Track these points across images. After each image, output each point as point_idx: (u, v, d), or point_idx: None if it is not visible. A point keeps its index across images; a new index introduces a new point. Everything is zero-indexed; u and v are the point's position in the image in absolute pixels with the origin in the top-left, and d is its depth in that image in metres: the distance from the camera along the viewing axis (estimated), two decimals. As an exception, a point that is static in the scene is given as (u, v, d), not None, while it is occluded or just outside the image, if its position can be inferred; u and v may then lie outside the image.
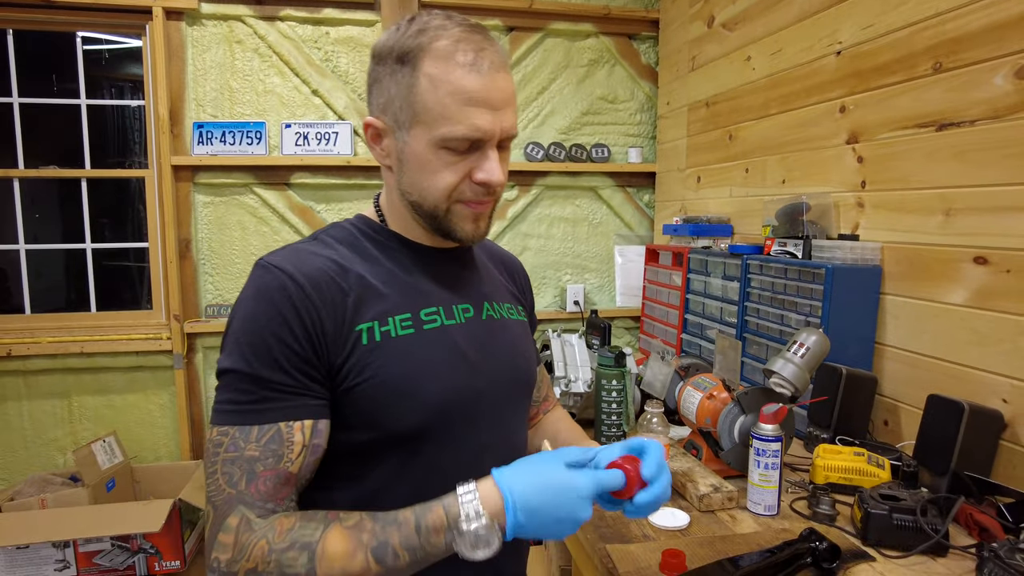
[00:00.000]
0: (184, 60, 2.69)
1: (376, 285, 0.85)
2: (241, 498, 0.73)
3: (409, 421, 0.82)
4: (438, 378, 0.84)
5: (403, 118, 0.81)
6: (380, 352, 0.81)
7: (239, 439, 0.74)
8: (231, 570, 0.70)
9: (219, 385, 0.78)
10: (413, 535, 0.71)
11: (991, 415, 1.31)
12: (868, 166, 1.70)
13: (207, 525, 0.74)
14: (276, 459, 0.75)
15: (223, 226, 2.79)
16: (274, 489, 0.75)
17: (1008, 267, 1.31)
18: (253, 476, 0.74)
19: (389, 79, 0.81)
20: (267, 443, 0.75)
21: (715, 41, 2.47)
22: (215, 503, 0.73)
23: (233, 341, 0.77)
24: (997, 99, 1.33)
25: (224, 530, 0.72)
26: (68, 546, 2.20)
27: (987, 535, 1.12)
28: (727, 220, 2.41)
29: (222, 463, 0.74)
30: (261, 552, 0.70)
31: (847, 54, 1.76)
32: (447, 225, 0.86)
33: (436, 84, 0.78)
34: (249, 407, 0.76)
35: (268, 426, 0.75)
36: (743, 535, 1.18)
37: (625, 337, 3.18)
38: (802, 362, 1.32)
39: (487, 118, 0.79)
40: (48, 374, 2.68)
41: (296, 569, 0.69)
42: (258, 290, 0.79)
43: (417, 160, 0.82)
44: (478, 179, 0.83)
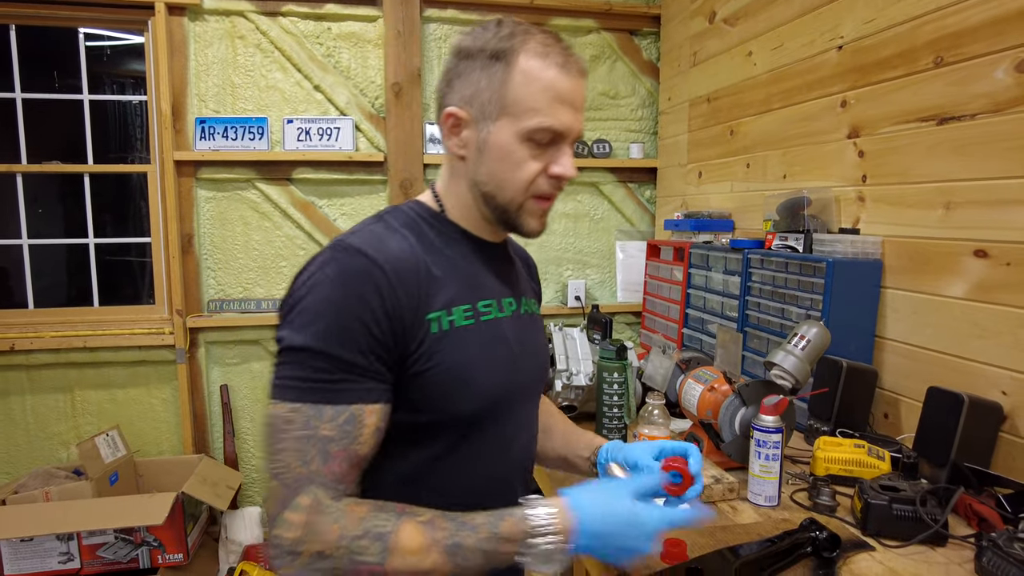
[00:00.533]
0: (186, 55, 2.70)
1: (440, 273, 0.87)
2: (313, 478, 0.73)
3: (465, 408, 0.86)
4: (492, 369, 0.89)
5: (491, 110, 0.85)
6: (446, 341, 0.84)
7: (312, 417, 0.75)
8: (296, 550, 0.70)
9: (288, 360, 0.78)
10: (486, 541, 0.73)
11: (991, 407, 1.32)
12: (869, 160, 1.70)
13: (270, 501, 0.73)
14: (349, 440, 0.76)
15: (225, 221, 2.80)
16: (347, 470, 0.76)
17: (1008, 260, 1.32)
18: (328, 456, 0.74)
19: (480, 72, 0.85)
20: (342, 424, 0.75)
21: (716, 36, 2.47)
22: (284, 480, 0.73)
23: (310, 319, 0.77)
24: (997, 93, 1.34)
25: (293, 508, 0.71)
26: (72, 539, 2.21)
27: (986, 525, 1.13)
28: (728, 215, 2.41)
29: (293, 440, 0.74)
30: (333, 536, 0.70)
31: (848, 49, 1.76)
32: (517, 219, 0.90)
33: (530, 79, 0.83)
34: (324, 386, 0.76)
35: (343, 407, 0.76)
36: (744, 525, 1.19)
37: (626, 332, 3.18)
38: (803, 354, 1.33)
39: (571, 116, 0.85)
40: (51, 368, 2.69)
41: (366, 558, 0.70)
42: (342, 272, 0.79)
43: (500, 150, 0.86)
44: (554, 172, 0.87)
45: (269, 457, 0.75)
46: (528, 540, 0.74)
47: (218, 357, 2.83)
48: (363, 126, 2.85)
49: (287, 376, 0.77)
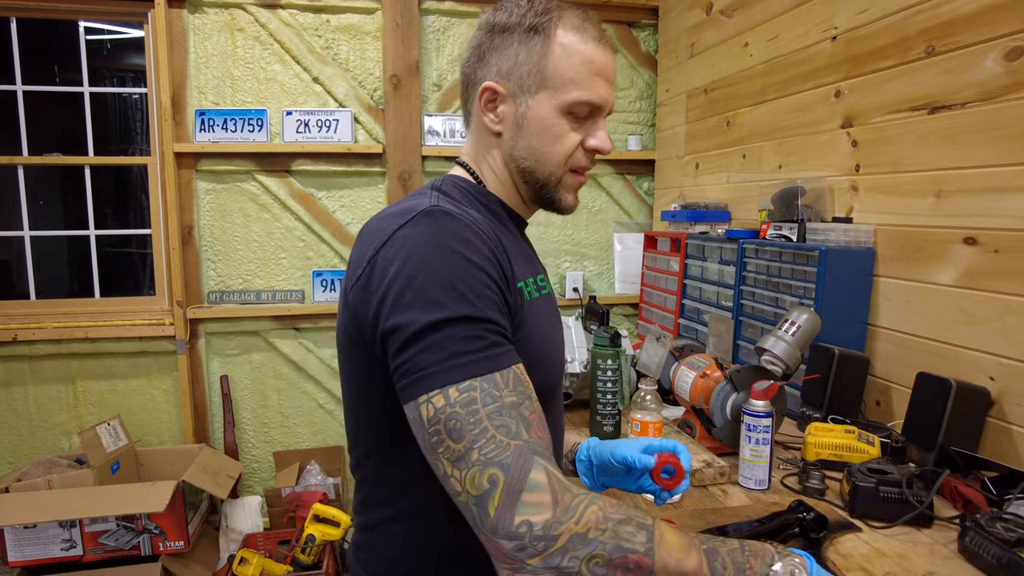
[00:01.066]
0: (186, 48, 2.71)
1: (506, 245, 0.82)
2: (531, 447, 0.65)
3: (541, 383, 0.80)
4: (557, 344, 0.91)
5: (529, 83, 0.85)
6: (530, 312, 0.83)
7: (490, 389, 0.67)
8: (551, 533, 0.61)
9: (428, 343, 0.67)
10: (738, 551, 0.68)
11: (978, 392, 1.33)
12: (862, 150, 1.71)
13: (493, 494, 0.62)
14: (530, 400, 0.70)
15: (225, 213, 2.81)
16: (545, 432, 0.69)
17: (996, 247, 1.33)
18: (527, 422, 0.67)
19: (518, 46, 0.85)
20: (515, 386, 0.69)
21: (713, 28, 2.48)
22: (503, 462, 0.63)
23: (440, 287, 0.69)
24: (988, 81, 1.35)
25: (531, 488, 0.62)
26: (74, 526, 2.23)
27: (971, 507, 1.15)
28: (724, 206, 2.43)
29: (489, 417, 0.65)
30: (595, 517, 0.63)
31: (842, 39, 1.77)
32: (554, 194, 0.90)
33: (570, 52, 0.83)
34: (484, 354, 0.68)
35: (505, 370, 0.69)
36: (733, 508, 1.21)
37: (624, 324, 3.20)
38: (793, 340, 1.35)
39: (607, 89, 0.86)
40: (53, 359, 2.71)
41: (634, 545, 0.63)
42: (452, 235, 0.73)
43: (541, 123, 0.86)
44: (591, 145, 0.87)
45: (467, 450, 0.64)
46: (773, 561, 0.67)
47: (218, 348, 2.85)
48: (362, 118, 2.87)
49: (439, 359, 0.67)
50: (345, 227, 2.89)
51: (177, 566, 2.34)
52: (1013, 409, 1.31)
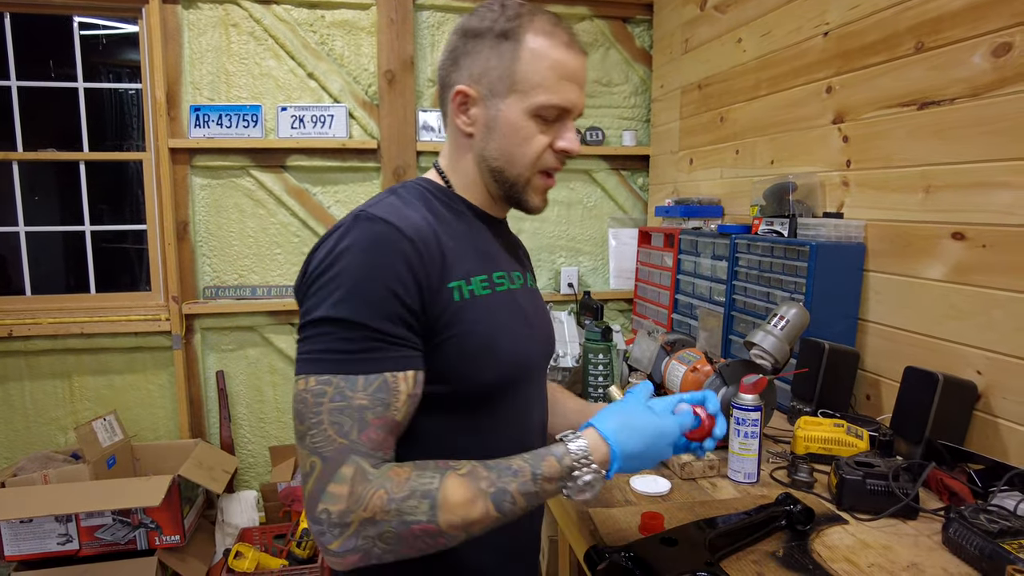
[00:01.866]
0: (180, 44, 2.71)
1: (455, 244, 0.88)
2: (354, 448, 0.72)
3: (488, 376, 0.87)
4: (512, 338, 0.90)
5: (500, 87, 0.87)
6: (467, 309, 0.85)
7: (345, 388, 0.74)
8: (344, 521, 0.70)
9: (314, 333, 0.76)
10: (530, 483, 0.76)
11: (965, 386, 1.34)
12: (853, 145, 1.72)
13: (311, 477, 0.72)
14: (384, 407, 0.75)
15: (220, 208, 2.82)
16: (384, 438, 0.75)
17: (984, 242, 1.34)
18: (365, 425, 0.74)
19: (489, 51, 0.87)
20: (375, 392, 0.75)
21: (707, 23, 2.49)
22: (324, 454, 0.72)
23: (341, 287, 0.76)
24: (975, 77, 1.36)
25: (337, 480, 0.71)
26: (70, 520, 2.24)
27: (956, 499, 1.16)
28: (718, 201, 2.43)
29: (329, 413, 0.73)
30: (380, 501, 0.70)
31: (834, 35, 1.78)
32: (522, 195, 0.92)
33: (539, 57, 0.86)
34: (355, 356, 0.75)
35: (375, 376, 0.75)
36: (722, 500, 1.22)
37: (618, 319, 3.21)
38: (782, 334, 1.36)
39: (576, 93, 0.88)
40: (49, 355, 2.72)
41: (417, 516, 0.71)
42: (372, 241, 0.78)
43: (510, 126, 0.88)
44: (560, 147, 0.90)
45: (304, 433, 0.74)
46: (570, 475, 0.78)
47: (214, 343, 2.86)
48: (356, 113, 2.87)
49: (315, 349, 0.76)
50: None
51: (173, 560, 2.35)
52: (999, 403, 1.32)
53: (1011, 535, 0.97)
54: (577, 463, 0.78)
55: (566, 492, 0.79)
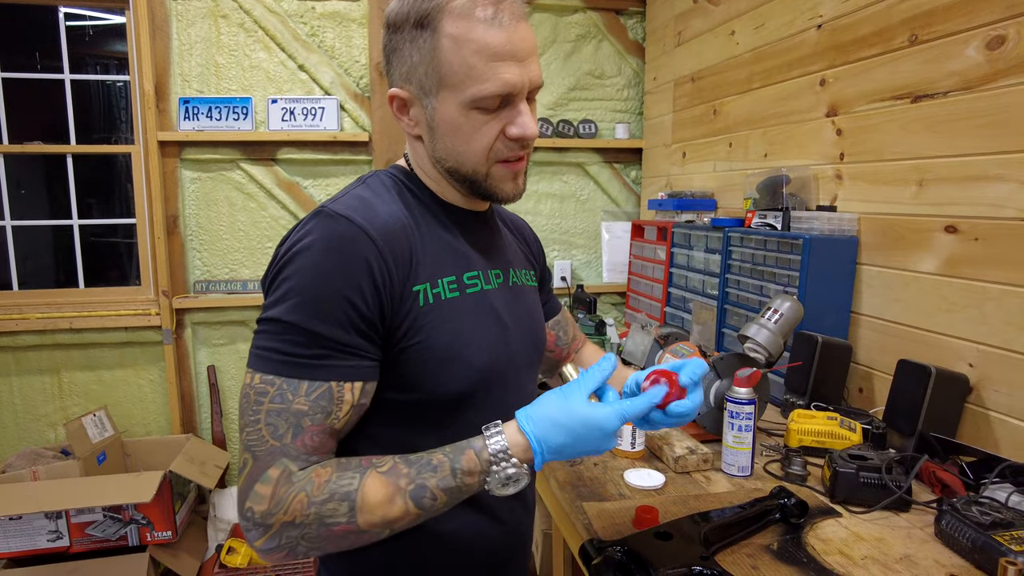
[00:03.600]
0: (169, 35, 2.67)
1: (426, 243, 0.83)
2: (285, 451, 0.71)
3: (453, 386, 0.82)
4: (481, 344, 0.85)
5: (429, 84, 0.79)
6: (431, 315, 0.80)
7: (287, 391, 0.72)
8: (266, 522, 0.70)
9: (267, 330, 0.74)
10: (449, 478, 0.73)
11: (957, 379, 1.35)
12: (846, 138, 1.72)
13: (243, 473, 0.72)
14: (324, 415, 0.73)
15: (210, 202, 2.79)
16: (319, 444, 0.74)
17: (976, 235, 1.35)
18: (300, 430, 0.72)
19: (409, 46, 0.79)
20: (316, 399, 0.73)
21: (700, 16, 2.48)
22: (255, 452, 0.71)
23: (295, 291, 0.73)
24: (969, 70, 1.36)
25: (263, 481, 0.70)
26: (60, 516, 2.23)
27: (948, 491, 1.17)
28: (711, 194, 2.43)
29: (266, 414, 0.72)
30: (300, 505, 0.69)
31: (827, 27, 1.77)
32: (487, 188, 0.85)
33: (459, 44, 0.76)
34: (302, 361, 0.73)
35: (319, 383, 0.73)
36: (716, 494, 1.22)
37: (611, 312, 3.21)
38: (776, 328, 1.36)
39: (515, 71, 0.77)
40: (37, 350, 2.69)
41: (337, 519, 0.70)
42: (330, 242, 0.74)
43: (449, 125, 0.80)
44: (512, 135, 0.81)
45: (243, 428, 0.73)
46: (488, 469, 0.74)
47: (205, 338, 2.84)
48: (348, 106, 2.85)
49: (265, 347, 0.74)
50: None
51: (165, 556, 2.34)
52: (991, 395, 1.32)
53: (1003, 527, 0.98)
54: (494, 457, 0.74)
55: (487, 487, 0.75)
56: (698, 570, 0.90)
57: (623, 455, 1.38)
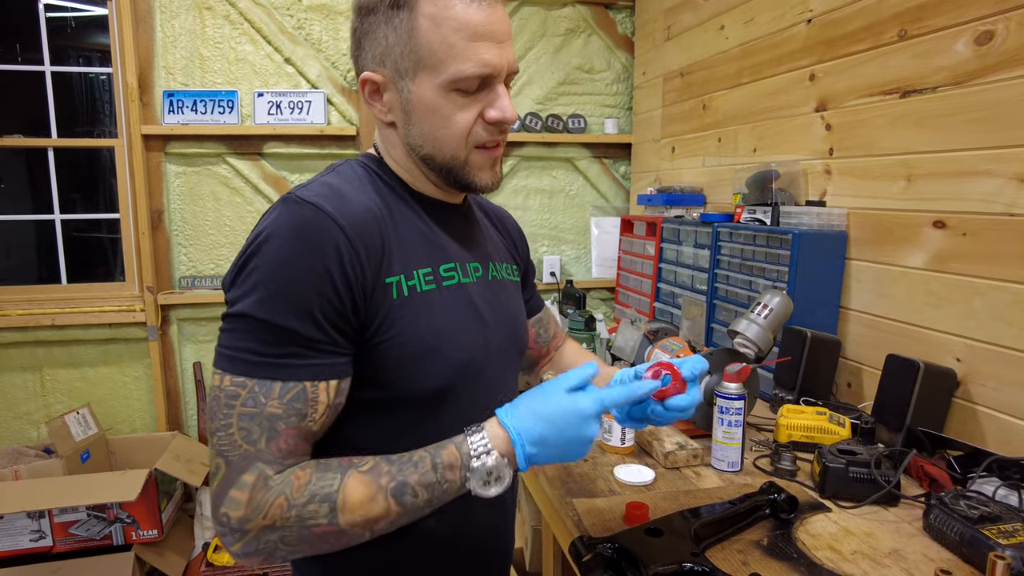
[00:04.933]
0: (152, 27, 2.63)
1: (400, 234, 0.80)
2: (260, 456, 0.69)
3: (429, 383, 0.80)
4: (458, 340, 0.83)
5: (405, 66, 0.77)
6: (406, 308, 0.78)
7: (259, 393, 0.69)
8: (243, 528, 0.67)
9: (233, 327, 0.71)
10: (430, 472, 0.71)
11: (945, 373, 1.36)
12: (836, 133, 1.72)
13: (216, 477, 0.69)
14: (299, 418, 0.71)
15: (196, 196, 2.76)
16: (294, 447, 0.71)
17: (964, 230, 1.35)
18: (274, 434, 0.69)
19: (385, 27, 0.77)
20: (291, 401, 0.70)
21: (690, 10, 2.47)
22: (228, 458, 0.68)
23: (261, 283, 0.69)
24: (958, 66, 1.36)
25: (238, 486, 0.68)
26: (43, 516, 2.20)
27: (936, 485, 1.17)
28: (700, 190, 2.43)
29: (238, 417, 0.69)
30: (280, 509, 0.67)
31: (817, 22, 1.77)
32: (465, 175, 0.82)
33: (438, 22, 0.74)
34: (273, 360, 0.70)
35: (293, 384, 0.70)
36: (706, 490, 1.22)
37: (601, 308, 3.21)
38: (765, 323, 1.36)
39: (494, 52, 0.76)
40: (18, 347, 2.65)
41: (318, 520, 0.68)
42: (298, 230, 0.71)
43: (426, 108, 0.78)
44: (491, 118, 0.79)
45: (214, 432, 0.70)
46: (469, 464, 0.72)
47: (190, 334, 2.80)
48: (335, 99, 2.82)
49: (234, 346, 0.70)
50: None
51: (151, 555, 2.31)
52: (978, 389, 1.33)
53: (990, 521, 0.98)
54: (475, 450, 0.72)
55: (469, 485, 0.73)
56: (689, 567, 0.89)
57: (612, 451, 1.38)
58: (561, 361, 1.19)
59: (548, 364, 1.20)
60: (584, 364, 0.79)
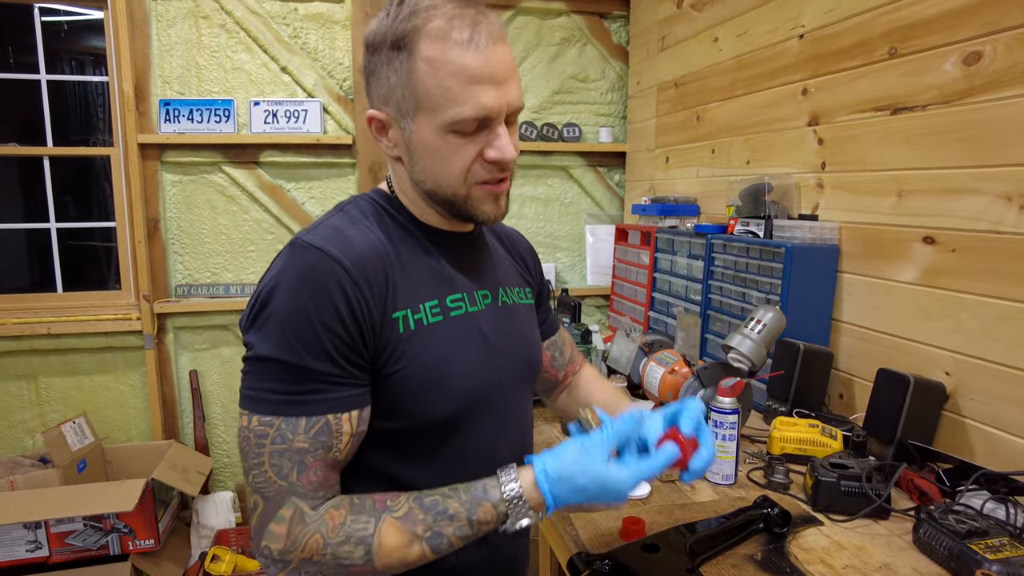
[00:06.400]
0: (148, 35, 2.64)
1: (406, 268, 0.84)
2: (293, 490, 0.74)
3: (439, 411, 0.83)
4: (466, 369, 0.85)
5: (406, 107, 0.79)
6: (414, 341, 0.81)
7: (286, 431, 0.73)
8: (284, 559, 0.73)
9: (256, 370, 0.75)
10: (466, 527, 0.76)
11: (934, 387, 1.38)
12: (828, 148, 1.75)
13: (255, 513, 0.74)
14: (326, 450, 0.75)
15: (192, 205, 2.76)
16: (324, 478, 0.76)
17: (953, 247, 1.38)
18: (304, 468, 0.74)
19: (387, 68, 0.79)
20: (316, 435, 0.74)
21: (684, 22, 2.49)
22: (265, 494, 0.74)
23: (275, 326, 0.74)
24: (947, 85, 1.38)
25: (277, 520, 0.73)
26: (40, 527, 2.20)
27: (926, 499, 1.20)
28: (694, 200, 2.45)
29: (269, 455, 0.73)
30: (316, 545, 0.72)
31: (809, 38, 1.80)
32: (468, 210, 0.84)
33: (435, 67, 0.75)
34: (296, 398, 0.74)
35: (317, 418, 0.74)
36: (701, 503, 1.24)
37: (595, 315, 3.23)
38: (759, 338, 1.38)
39: (492, 95, 0.77)
40: (13, 356, 2.64)
41: (353, 560, 0.73)
42: (304, 274, 0.75)
43: (426, 148, 0.80)
44: (490, 158, 0.80)
45: (247, 471, 0.75)
46: (504, 522, 0.77)
47: (187, 343, 2.81)
48: (331, 108, 2.83)
49: (257, 387, 0.75)
50: (315, 219, 2.85)
51: (147, 565, 2.31)
52: (967, 403, 1.36)
53: (978, 535, 1.00)
54: (510, 507, 0.77)
55: (502, 530, 0.78)
56: (685, 584, 0.91)
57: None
58: (579, 392, 1.18)
59: (566, 392, 1.19)
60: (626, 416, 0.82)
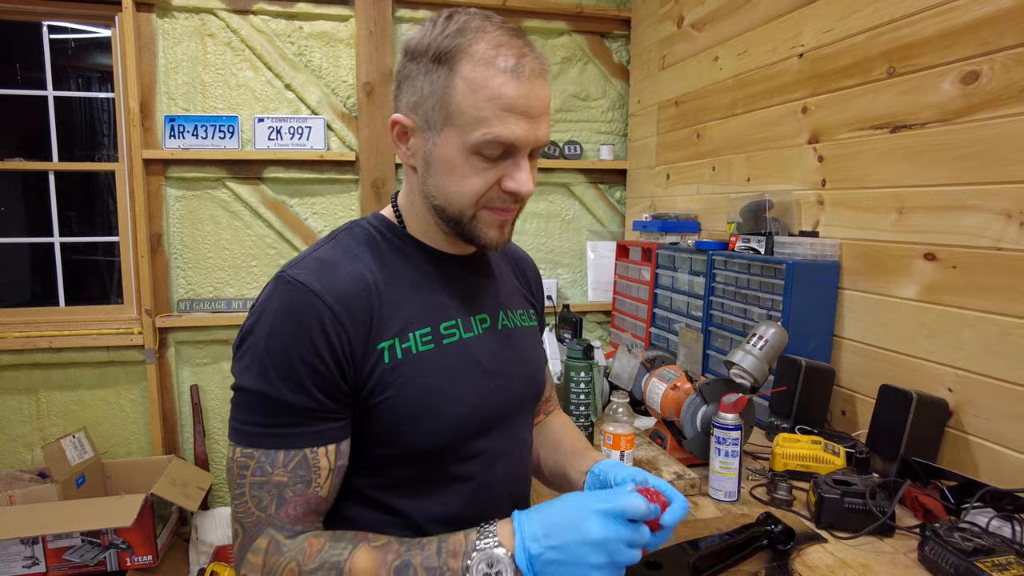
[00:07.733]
0: (155, 53, 2.67)
1: (397, 296, 0.83)
2: (271, 522, 0.75)
3: (429, 439, 0.82)
4: (457, 397, 0.84)
5: (435, 118, 0.78)
6: (401, 370, 0.80)
7: (265, 464, 0.75)
8: None
9: (239, 401, 0.77)
10: (434, 557, 0.71)
11: (937, 403, 1.38)
12: (828, 165, 1.76)
13: (236, 541, 0.76)
14: (305, 485, 0.76)
15: (195, 220, 2.77)
16: (303, 514, 0.76)
17: (954, 263, 1.38)
18: (283, 501, 0.75)
19: (423, 78, 0.78)
20: (294, 468, 0.75)
21: (684, 41, 2.52)
22: (244, 524, 0.75)
23: (256, 359, 0.75)
24: (945, 103, 1.40)
25: (253, 551, 0.74)
26: (37, 542, 2.18)
27: (931, 516, 1.19)
28: (694, 217, 2.47)
29: (250, 487, 0.75)
30: (291, 573, 0.72)
31: (809, 56, 1.82)
32: (471, 231, 0.83)
33: (474, 88, 0.75)
34: (274, 431, 0.75)
35: (294, 451, 0.75)
36: (704, 520, 1.23)
37: (596, 331, 3.23)
38: (761, 354, 1.38)
39: (524, 127, 0.77)
40: (14, 370, 2.64)
41: None
42: (284, 308, 0.76)
43: (446, 163, 0.79)
44: (508, 188, 0.80)
45: (232, 500, 0.77)
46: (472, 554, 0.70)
47: (188, 357, 2.81)
48: (335, 125, 2.85)
49: (239, 419, 0.77)
50: (317, 235, 2.87)
51: (145, 581, 2.30)
52: (970, 420, 1.35)
53: (984, 553, 0.99)
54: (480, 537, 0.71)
55: None
56: (688, 601, 0.90)
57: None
58: (548, 433, 1.10)
59: (537, 429, 1.11)
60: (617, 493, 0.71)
